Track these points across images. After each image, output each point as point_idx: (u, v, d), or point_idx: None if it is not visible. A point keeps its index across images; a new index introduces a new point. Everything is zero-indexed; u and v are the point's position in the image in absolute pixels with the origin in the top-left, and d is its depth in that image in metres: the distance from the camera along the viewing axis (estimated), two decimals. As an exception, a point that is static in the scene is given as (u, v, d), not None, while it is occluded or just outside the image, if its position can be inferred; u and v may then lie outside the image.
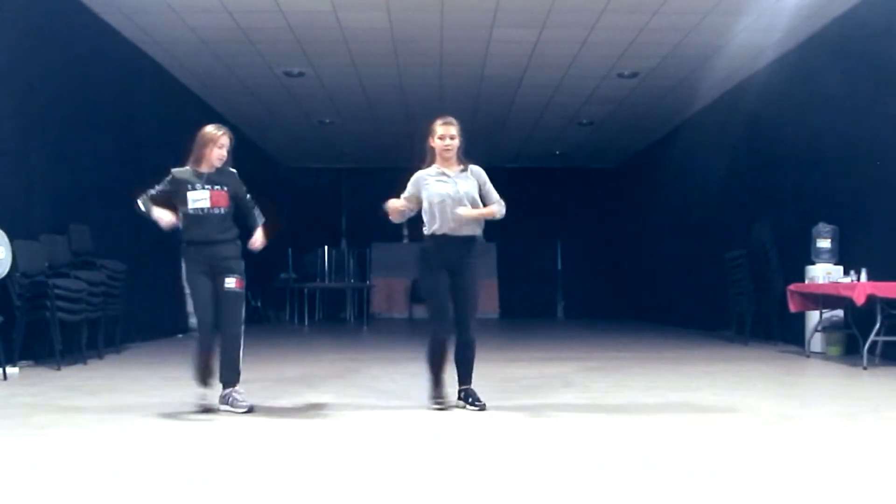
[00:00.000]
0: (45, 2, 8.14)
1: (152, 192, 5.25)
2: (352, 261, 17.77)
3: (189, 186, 5.15)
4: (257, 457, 3.84)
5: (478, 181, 5.29)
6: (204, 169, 5.22)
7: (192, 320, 5.17)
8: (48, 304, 7.12)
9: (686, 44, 10.12)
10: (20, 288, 7.07)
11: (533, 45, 10.27)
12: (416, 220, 5.48)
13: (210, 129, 5.30)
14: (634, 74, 11.49)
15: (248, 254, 5.31)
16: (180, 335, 11.34)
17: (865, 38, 8.50)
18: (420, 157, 5.37)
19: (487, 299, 18.71)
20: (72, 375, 6.87)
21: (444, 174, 5.25)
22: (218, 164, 5.24)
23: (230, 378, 5.10)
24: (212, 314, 5.10)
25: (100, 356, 8.13)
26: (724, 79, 11.51)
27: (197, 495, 3.11)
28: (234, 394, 5.08)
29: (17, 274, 6.99)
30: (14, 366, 6.91)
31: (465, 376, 5.28)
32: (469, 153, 5.42)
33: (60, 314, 7.21)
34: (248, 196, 5.39)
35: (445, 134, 5.21)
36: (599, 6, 8.94)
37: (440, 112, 5.40)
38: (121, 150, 9.75)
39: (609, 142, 16.14)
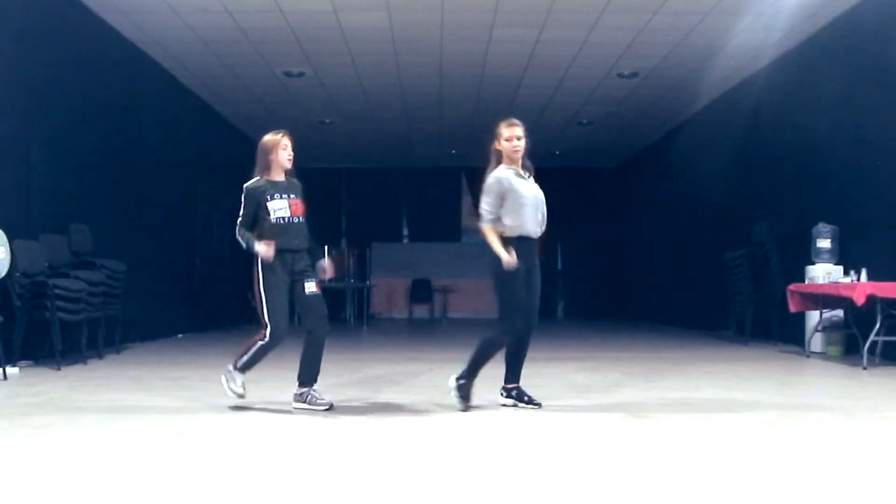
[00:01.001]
0: (45, 2, 8.14)
1: (243, 220, 5.19)
2: (352, 261, 17.77)
3: (268, 196, 5.17)
4: (257, 456, 3.84)
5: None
6: (276, 177, 5.26)
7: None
8: (48, 304, 7.12)
9: (686, 44, 10.12)
10: (20, 288, 7.07)
11: (533, 45, 10.27)
12: (416, 220, 5.50)
13: (269, 135, 5.34)
14: (634, 74, 11.49)
15: (246, 254, 5.31)
16: (180, 335, 11.35)
17: (865, 38, 8.50)
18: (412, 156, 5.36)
19: (487, 299, 18.71)
20: (72, 375, 6.87)
21: (520, 175, 5.21)
22: (288, 165, 5.29)
23: (311, 377, 5.24)
24: (288, 321, 5.24)
25: (100, 356, 8.13)
26: (724, 79, 11.52)
27: (197, 495, 3.11)
28: (312, 392, 5.21)
29: (17, 274, 7.00)
30: (14, 366, 6.92)
31: (517, 374, 5.31)
32: (469, 153, 5.43)
33: (60, 314, 7.21)
34: None
35: (512, 135, 5.20)
36: (599, 6, 8.94)
37: (432, 112, 5.41)
38: (121, 151, 9.76)
39: (609, 142, 16.14)
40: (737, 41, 9.95)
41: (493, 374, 5.48)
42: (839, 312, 8.46)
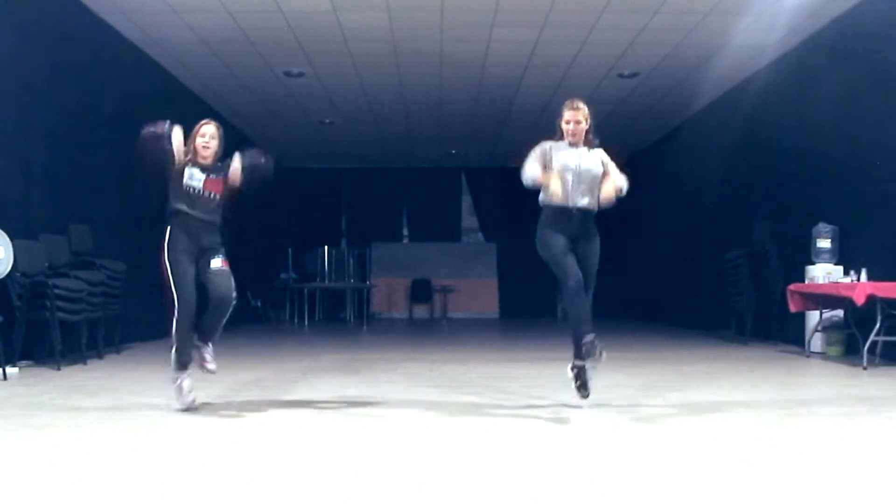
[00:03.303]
0: (45, 2, 8.14)
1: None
2: (352, 261, 17.78)
3: (187, 167, 5.21)
4: (257, 456, 3.83)
5: (601, 159, 5.35)
6: (201, 161, 5.25)
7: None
8: (48, 304, 7.12)
9: (686, 44, 10.12)
10: (20, 288, 7.06)
11: (533, 45, 10.27)
12: (416, 220, 5.50)
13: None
14: (634, 74, 11.49)
15: (247, 255, 5.34)
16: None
17: (865, 38, 8.50)
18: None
19: (487, 299, 18.74)
20: (72, 375, 6.87)
21: (568, 146, 5.28)
22: (203, 152, 5.24)
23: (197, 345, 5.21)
24: (193, 290, 5.19)
25: (100, 356, 8.13)
26: (724, 79, 11.51)
27: (197, 495, 3.11)
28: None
29: (17, 274, 6.99)
30: (14, 366, 6.91)
31: (576, 350, 5.28)
32: (469, 153, 5.46)
33: (60, 314, 7.21)
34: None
35: (571, 119, 5.30)
36: (599, 6, 8.94)
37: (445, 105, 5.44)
38: (121, 151, 9.71)
39: (609, 142, 16.11)
40: (737, 41, 9.94)
41: (497, 373, 5.48)
42: (839, 312, 8.45)
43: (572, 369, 5.25)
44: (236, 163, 5.26)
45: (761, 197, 10.93)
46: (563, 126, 5.32)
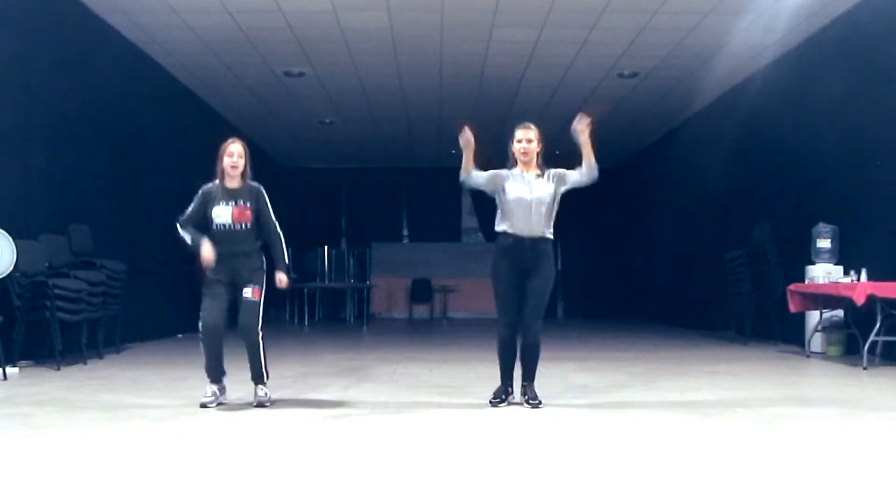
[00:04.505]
0: (45, 2, 8.14)
1: (186, 215, 5.36)
2: (352, 261, 17.78)
3: (214, 203, 5.31)
4: (257, 457, 3.84)
5: (556, 181, 5.44)
6: (229, 184, 5.35)
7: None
8: (48, 304, 7.12)
9: (686, 44, 10.12)
10: (20, 288, 7.06)
11: (533, 45, 10.27)
12: (416, 220, 5.56)
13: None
14: (634, 74, 11.49)
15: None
16: (180, 335, 11.34)
17: (865, 38, 8.50)
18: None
19: (487, 299, 18.72)
20: (72, 375, 6.87)
21: (521, 176, 5.38)
22: (232, 173, 5.34)
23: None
24: (215, 315, 5.32)
25: (100, 356, 8.13)
26: (724, 79, 11.52)
27: (197, 495, 3.11)
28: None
29: (17, 274, 6.99)
30: (14, 366, 6.91)
31: (527, 373, 5.39)
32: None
33: (60, 314, 7.21)
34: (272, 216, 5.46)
35: (523, 137, 5.40)
36: (599, 6, 8.94)
37: (429, 112, 5.50)
38: (121, 150, 9.75)
39: (609, 142, 16.13)
40: (737, 41, 9.94)
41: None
42: (839, 312, 8.46)
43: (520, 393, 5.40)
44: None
45: (761, 197, 10.94)
46: (515, 146, 5.42)
